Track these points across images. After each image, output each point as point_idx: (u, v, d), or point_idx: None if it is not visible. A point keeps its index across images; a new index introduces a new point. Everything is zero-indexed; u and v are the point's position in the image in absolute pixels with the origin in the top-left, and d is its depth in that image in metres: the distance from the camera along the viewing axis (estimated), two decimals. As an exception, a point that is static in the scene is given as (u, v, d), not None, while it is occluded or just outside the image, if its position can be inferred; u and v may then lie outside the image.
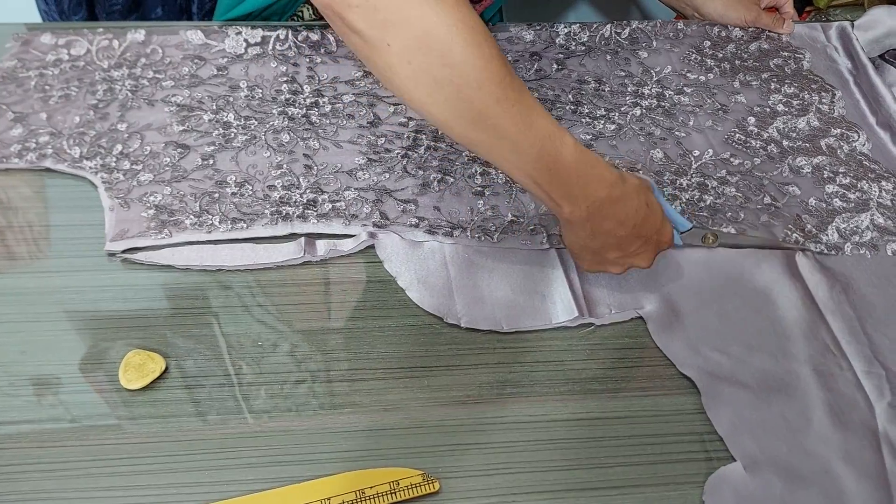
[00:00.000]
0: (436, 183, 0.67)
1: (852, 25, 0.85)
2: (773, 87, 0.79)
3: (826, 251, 0.64)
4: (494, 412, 0.53)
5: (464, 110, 0.47)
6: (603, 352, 0.57)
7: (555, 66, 0.79)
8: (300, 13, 0.84)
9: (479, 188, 0.67)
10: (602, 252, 0.55)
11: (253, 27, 0.77)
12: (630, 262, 0.56)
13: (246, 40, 0.77)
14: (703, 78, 0.79)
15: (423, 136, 0.70)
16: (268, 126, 0.70)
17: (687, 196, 0.67)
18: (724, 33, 0.84)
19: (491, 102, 0.47)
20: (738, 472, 0.50)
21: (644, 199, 0.53)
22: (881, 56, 0.83)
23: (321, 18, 0.83)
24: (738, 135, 0.74)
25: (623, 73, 0.79)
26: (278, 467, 0.49)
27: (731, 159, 0.71)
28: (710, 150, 0.72)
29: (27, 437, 0.50)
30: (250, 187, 0.65)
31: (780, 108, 0.77)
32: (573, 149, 0.50)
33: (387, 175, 0.67)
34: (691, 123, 0.75)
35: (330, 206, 0.64)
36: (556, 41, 0.81)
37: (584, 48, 0.81)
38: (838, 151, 0.73)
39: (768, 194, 0.68)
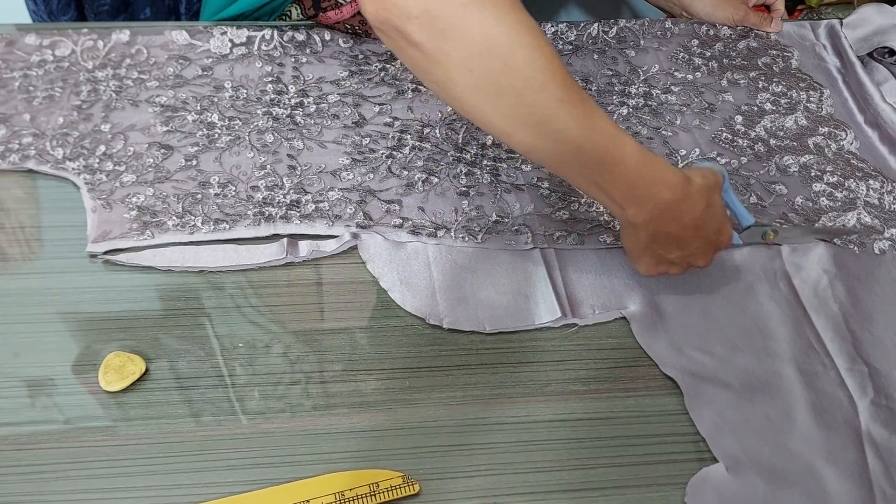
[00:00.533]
0: (420, 183, 0.66)
1: (841, 23, 0.85)
2: (760, 85, 0.78)
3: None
4: (476, 414, 0.52)
5: (526, 115, 0.47)
6: (586, 353, 0.57)
7: (542, 65, 0.78)
8: (288, 13, 0.84)
9: (463, 188, 0.66)
10: (663, 253, 0.55)
11: (238, 27, 0.77)
12: (690, 262, 0.56)
13: (231, 40, 0.76)
14: (690, 77, 0.79)
15: (408, 137, 0.70)
16: (252, 126, 0.69)
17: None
18: (712, 32, 0.84)
19: (554, 105, 0.46)
20: (720, 473, 0.50)
21: (706, 201, 0.53)
22: (869, 54, 0.82)
23: (309, 18, 0.83)
24: (725, 134, 0.74)
25: (610, 73, 0.78)
26: (258, 469, 0.49)
27: (718, 158, 0.71)
28: (697, 150, 0.72)
29: (6, 439, 0.49)
30: (233, 188, 0.64)
31: (768, 106, 0.77)
32: (636, 150, 0.50)
33: (371, 175, 0.67)
34: (678, 123, 0.74)
35: (313, 206, 0.63)
36: (544, 40, 0.81)
37: (571, 47, 0.81)
38: (826, 150, 0.73)
39: (755, 193, 0.68)
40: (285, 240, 0.61)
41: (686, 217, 0.52)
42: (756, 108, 0.76)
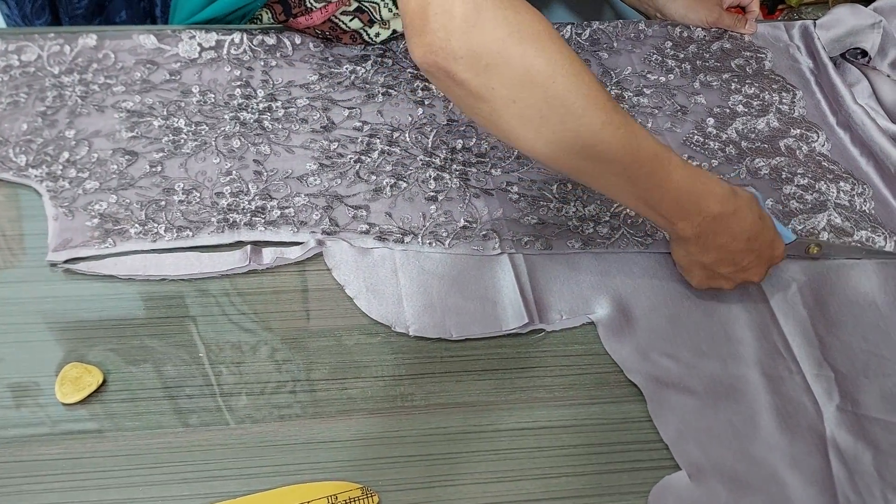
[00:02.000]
0: (388, 188, 0.66)
1: (815, 24, 0.84)
2: (733, 87, 0.78)
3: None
4: (438, 423, 0.52)
5: (571, 140, 0.48)
6: (552, 359, 0.56)
7: (514, 68, 0.78)
8: (259, 17, 0.83)
9: (432, 193, 0.66)
10: (714, 267, 0.55)
11: (207, 31, 0.76)
12: (742, 277, 0.56)
13: (200, 44, 0.76)
14: (663, 79, 0.78)
15: (378, 141, 0.69)
16: (219, 132, 0.69)
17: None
18: (686, 34, 0.84)
19: (597, 128, 0.48)
20: (682, 481, 0.49)
21: (757, 213, 0.54)
22: (842, 55, 0.82)
23: (280, 23, 0.82)
24: (696, 136, 0.73)
25: (582, 75, 0.78)
26: (215, 482, 0.48)
27: (689, 161, 0.71)
28: (668, 152, 0.71)
29: (-41, 453, 0.49)
30: (198, 194, 0.64)
31: (740, 108, 0.76)
32: (681, 165, 0.51)
33: (338, 181, 0.66)
34: (650, 125, 0.74)
35: (279, 212, 0.63)
36: (516, 43, 0.80)
37: (543, 50, 0.80)
38: (797, 152, 0.73)
39: (725, 196, 0.68)
40: (248, 247, 0.60)
41: (736, 229, 0.53)
42: (728, 111, 0.76)
